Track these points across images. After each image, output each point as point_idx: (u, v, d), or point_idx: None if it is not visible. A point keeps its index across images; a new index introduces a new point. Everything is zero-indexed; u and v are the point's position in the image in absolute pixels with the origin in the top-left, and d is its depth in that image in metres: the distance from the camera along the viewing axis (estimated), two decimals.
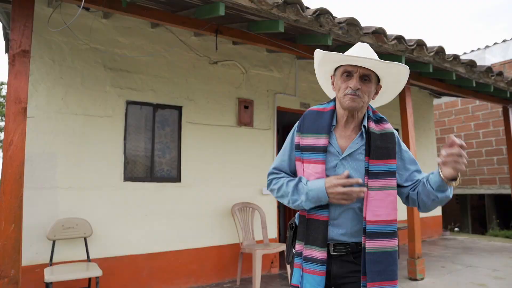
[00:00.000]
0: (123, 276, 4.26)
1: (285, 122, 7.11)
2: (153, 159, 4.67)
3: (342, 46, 4.41)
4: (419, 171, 1.72)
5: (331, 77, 1.73)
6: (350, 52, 1.64)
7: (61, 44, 4.18)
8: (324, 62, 1.70)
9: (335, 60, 1.64)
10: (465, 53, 10.99)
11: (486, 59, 10.09)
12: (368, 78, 1.60)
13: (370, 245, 1.55)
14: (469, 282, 4.68)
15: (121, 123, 4.46)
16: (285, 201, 1.69)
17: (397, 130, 6.54)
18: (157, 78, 4.73)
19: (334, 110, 1.70)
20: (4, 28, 4.97)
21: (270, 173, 1.80)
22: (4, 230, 2.50)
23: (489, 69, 5.46)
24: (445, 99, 10.75)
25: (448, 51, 4.90)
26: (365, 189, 1.55)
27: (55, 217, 3.94)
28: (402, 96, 5.26)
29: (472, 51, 10.80)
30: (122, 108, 4.48)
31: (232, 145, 5.24)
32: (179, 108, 4.89)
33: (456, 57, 4.89)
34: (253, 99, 5.50)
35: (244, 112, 5.36)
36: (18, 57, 2.66)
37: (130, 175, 4.51)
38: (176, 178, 4.80)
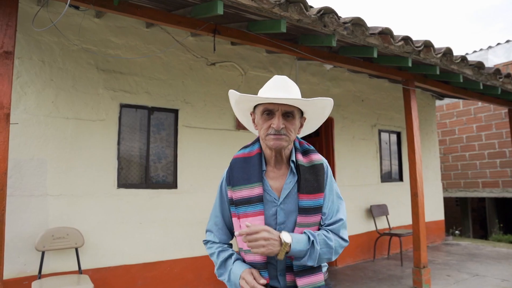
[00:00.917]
0: (116, 287, 4.07)
1: None
2: (148, 165, 4.48)
3: (346, 47, 4.23)
4: (333, 213, 1.56)
5: (251, 114, 1.62)
6: (269, 88, 1.52)
7: (51, 45, 3.98)
8: (241, 101, 1.58)
9: (254, 101, 1.53)
10: (467, 54, 10.82)
11: (489, 60, 9.92)
12: (291, 114, 1.50)
13: (301, 283, 1.46)
14: None
15: (115, 127, 4.26)
16: (215, 268, 1.62)
17: (399, 132, 6.37)
18: (152, 80, 4.53)
19: (260, 153, 1.59)
20: None
21: (207, 233, 1.71)
22: None
23: (497, 71, 5.28)
24: (446, 101, 10.58)
25: (454, 52, 4.71)
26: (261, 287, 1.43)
27: (45, 226, 3.74)
28: (406, 99, 5.08)
29: (475, 51, 10.63)
30: (116, 112, 4.28)
31: (230, 149, 5.04)
32: (175, 111, 4.69)
33: (464, 59, 4.71)
34: None
35: None
36: (0, 59, 2.46)
37: (124, 182, 4.31)
38: (172, 184, 4.61)
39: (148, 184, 4.45)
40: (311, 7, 3.30)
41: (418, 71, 4.86)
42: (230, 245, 1.67)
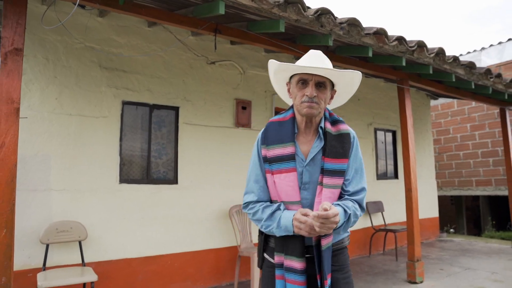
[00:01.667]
0: (118, 280, 4.17)
1: None
2: (149, 161, 4.58)
3: (342, 47, 4.35)
4: (355, 180, 1.72)
5: (287, 84, 1.79)
6: (305, 61, 1.69)
7: (55, 43, 4.08)
8: (279, 71, 1.76)
9: (291, 70, 1.71)
10: (461, 55, 11.00)
11: (482, 61, 10.09)
12: (323, 85, 1.66)
13: (326, 242, 1.62)
14: (468, 285, 4.64)
15: (117, 124, 4.37)
16: (258, 225, 1.74)
17: (394, 131, 6.51)
18: (154, 78, 4.64)
19: (294, 118, 1.76)
20: None
21: (246, 195, 1.79)
22: None
23: (488, 71, 5.43)
24: (441, 101, 10.75)
25: (448, 52, 4.85)
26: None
27: (49, 220, 3.84)
28: (401, 98, 5.22)
29: (468, 52, 10.81)
30: (118, 109, 4.39)
31: (229, 146, 5.17)
32: (176, 109, 4.80)
33: (456, 59, 4.85)
34: (251, 100, 5.43)
35: (242, 113, 5.29)
36: (11, 56, 2.57)
37: (126, 177, 4.41)
38: (172, 180, 4.72)
39: (149, 180, 4.56)
40: (308, 7, 3.42)
41: (412, 71, 5.00)
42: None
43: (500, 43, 9.96)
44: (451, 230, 9.89)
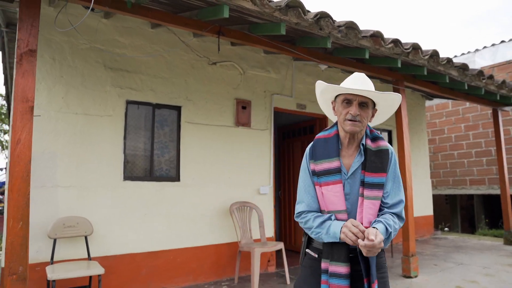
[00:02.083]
0: (123, 274, 4.30)
1: (281, 123, 7.20)
2: (152, 159, 4.71)
3: (340, 49, 4.50)
4: (394, 193, 1.86)
5: (332, 102, 1.95)
6: (349, 82, 1.86)
7: (61, 43, 4.20)
8: (326, 91, 1.92)
9: (338, 91, 1.86)
10: (456, 56, 11.20)
11: (476, 62, 10.30)
12: (366, 104, 1.82)
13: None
14: (461, 279, 4.81)
15: (121, 123, 4.49)
16: (309, 232, 1.88)
17: (390, 131, 6.66)
18: (157, 78, 4.77)
19: (337, 134, 1.91)
20: None
21: (298, 205, 1.94)
22: (12, 227, 2.53)
23: (480, 73, 5.61)
24: (436, 101, 10.94)
25: (441, 54, 5.02)
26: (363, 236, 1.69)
27: (56, 216, 3.95)
28: None
29: (463, 54, 11.01)
30: (122, 108, 4.51)
31: (230, 145, 5.30)
32: (178, 108, 4.93)
33: (449, 61, 5.02)
34: (250, 100, 5.57)
35: (242, 113, 5.43)
36: (25, 56, 2.69)
37: (129, 175, 4.54)
38: (175, 177, 4.85)
39: (152, 177, 4.68)
40: (308, 11, 3.57)
41: (407, 72, 5.16)
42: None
43: (493, 44, 10.16)
44: (446, 229, 10.08)
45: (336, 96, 1.89)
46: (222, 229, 5.09)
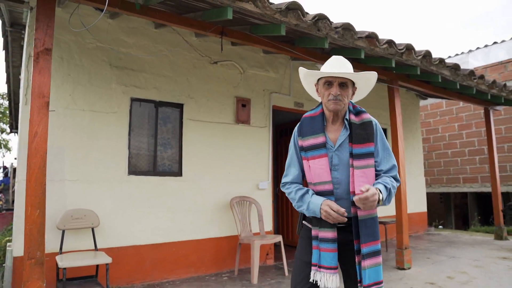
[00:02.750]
0: (127, 265, 4.46)
1: (280, 121, 7.38)
2: (155, 154, 4.88)
3: (337, 49, 4.70)
4: (385, 159, 2.06)
5: (315, 85, 2.14)
6: (329, 65, 2.04)
7: (69, 43, 4.36)
8: (308, 76, 2.12)
9: (318, 75, 2.06)
10: (449, 57, 11.43)
11: (470, 63, 10.53)
12: (345, 84, 2.01)
13: (361, 213, 1.95)
14: (452, 270, 5.02)
15: (126, 119, 4.66)
16: (293, 203, 2.11)
17: (385, 129, 6.85)
18: (160, 77, 4.95)
19: (322, 113, 2.10)
20: (3, 25, 5.10)
21: (284, 177, 2.18)
22: (30, 215, 2.70)
23: (471, 73, 5.82)
24: (430, 101, 11.16)
25: (437, 55, 5.23)
26: (345, 219, 1.91)
27: (64, 208, 4.12)
28: (391, 97, 5.58)
29: (457, 55, 11.24)
30: (127, 105, 4.68)
31: (230, 141, 5.49)
32: (180, 106, 5.11)
33: (441, 61, 5.22)
34: (250, 98, 5.75)
35: (242, 111, 5.61)
36: (42, 55, 2.86)
37: (134, 169, 4.71)
38: (177, 172, 5.02)
39: (155, 172, 4.86)
40: (307, 13, 3.76)
41: (401, 71, 5.36)
42: (303, 185, 2.14)
43: (486, 46, 10.40)
44: (440, 227, 10.30)
45: (319, 79, 2.08)
46: (223, 223, 5.27)
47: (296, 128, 2.16)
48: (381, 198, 1.88)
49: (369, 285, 1.92)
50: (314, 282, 1.98)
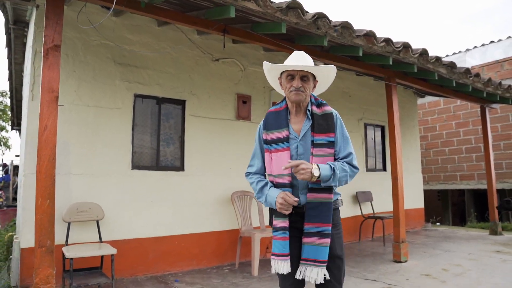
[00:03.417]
0: (131, 257, 4.58)
1: None
2: (158, 149, 5.00)
3: (335, 47, 4.81)
4: (343, 149, 2.18)
5: (278, 79, 2.26)
6: (291, 60, 2.16)
7: (74, 40, 4.47)
8: (271, 70, 2.24)
9: (281, 69, 2.19)
10: (447, 55, 11.55)
11: (467, 62, 10.65)
12: (307, 77, 2.13)
13: (310, 197, 2.09)
14: (447, 263, 5.15)
15: (129, 115, 4.77)
16: (254, 193, 2.25)
17: (383, 126, 6.95)
18: (163, 74, 5.05)
19: (287, 108, 2.22)
20: (6, 22, 5.19)
21: (248, 167, 2.34)
22: (40, 205, 2.81)
23: (467, 71, 5.94)
24: (428, 99, 11.26)
25: (435, 53, 5.32)
26: (296, 203, 2.04)
27: (70, 201, 4.22)
28: (388, 94, 5.70)
29: (454, 53, 11.37)
30: (131, 101, 4.79)
31: (231, 137, 5.60)
32: (182, 102, 5.22)
33: (438, 59, 5.34)
34: (250, 95, 5.86)
35: (243, 107, 5.72)
36: (51, 51, 2.97)
37: (137, 164, 4.82)
38: (179, 167, 5.14)
39: (158, 167, 4.97)
40: (307, 12, 3.87)
41: (398, 69, 5.47)
42: (265, 176, 2.28)
43: (483, 45, 10.52)
44: (437, 224, 10.43)
45: (282, 73, 2.20)
46: (224, 217, 5.38)
47: (261, 122, 2.28)
48: (314, 172, 1.96)
49: (306, 260, 2.04)
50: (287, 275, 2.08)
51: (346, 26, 4.18)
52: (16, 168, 15.70)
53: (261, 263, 5.23)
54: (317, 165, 2.00)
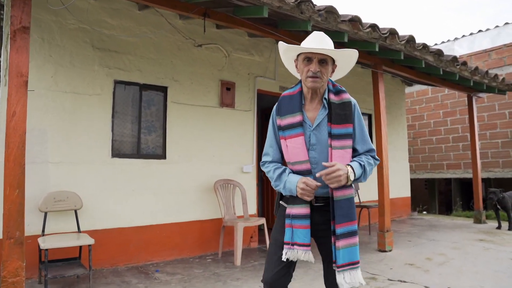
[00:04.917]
0: (111, 247, 4.48)
1: (264, 105, 7.37)
2: (139, 137, 4.87)
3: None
4: (362, 141, 2.07)
5: (295, 61, 2.10)
6: (309, 41, 2.00)
7: (50, 23, 4.29)
8: (288, 51, 2.08)
9: (298, 50, 2.02)
10: (436, 44, 11.52)
11: (455, 51, 10.63)
12: (325, 61, 1.98)
13: (338, 194, 1.95)
14: (431, 252, 5.16)
15: (109, 102, 4.63)
16: (271, 182, 2.11)
17: (370, 114, 6.90)
18: (144, 59, 4.90)
19: (301, 91, 2.07)
20: None
21: (264, 156, 2.19)
22: (8, 195, 2.69)
23: (454, 59, 5.89)
24: (416, 88, 11.27)
25: (424, 41, 5.24)
26: (317, 188, 1.92)
27: (46, 190, 4.09)
28: (375, 81, 5.63)
29: (443, 42, 11.34)
30: (110, 87, 4.64)
31: (214, 125, 5.49)
32: (164, 88, 5.08)
33: (425, 46, 5.27)
34: (234, 82, 5.75)
35: (226, 94, 5.61)
36: (19, 33, 2.82)
37: (117, 152, 4.70)
38: (161, 155, 5.03)
39: (139, 155, 4.85)
40: None
41: (385, 56, 5.39)
42: (282, 163, 2.14)
43: (471, 34, 10.50)
44: (424, 212, 10.51)
45: (298, 55, 2.04)
46: (206, 206, 5.31)
47: (274, 107, 2.14)
48: (350, 175, 1.88)
49: (343, 265, 1.93)
50: (288, 261, 1.99)
51: (330, 11, 4.07)
52: None
53: (244, 253, 5.19)
54: (351, 167, 1.90)
